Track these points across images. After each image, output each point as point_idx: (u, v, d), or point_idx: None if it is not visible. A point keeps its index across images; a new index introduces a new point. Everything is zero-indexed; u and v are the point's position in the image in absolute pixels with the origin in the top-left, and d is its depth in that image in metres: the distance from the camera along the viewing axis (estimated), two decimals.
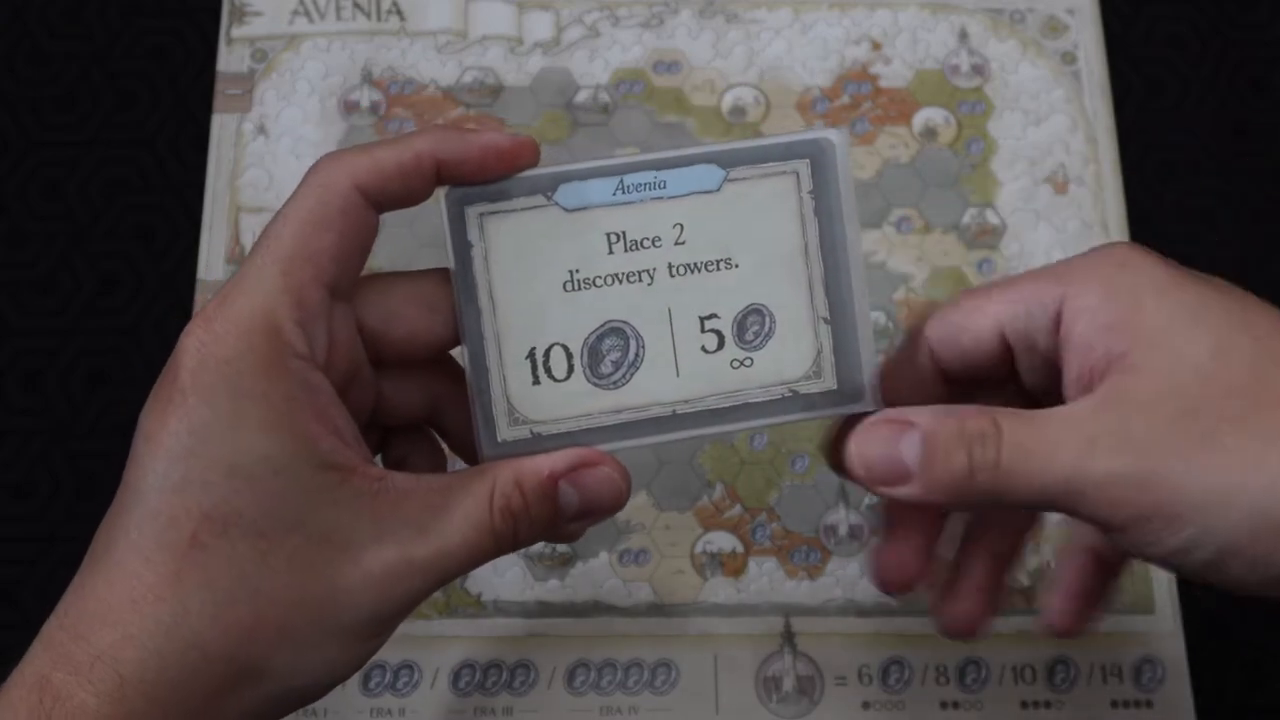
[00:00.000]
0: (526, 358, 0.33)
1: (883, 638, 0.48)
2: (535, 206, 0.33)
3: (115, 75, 0.56)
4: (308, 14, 0.56)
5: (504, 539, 0.31)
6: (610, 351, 0.33)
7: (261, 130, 0.54)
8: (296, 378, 0.30)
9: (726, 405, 0.33)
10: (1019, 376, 0.34)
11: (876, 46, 0.56)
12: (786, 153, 0.33)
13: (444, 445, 0.37)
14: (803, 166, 0.33)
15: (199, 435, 0.29)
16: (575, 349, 0.33)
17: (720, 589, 0.49)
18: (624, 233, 0.33)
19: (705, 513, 0.50)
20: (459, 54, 0.56)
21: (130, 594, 0.29)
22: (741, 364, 0.33)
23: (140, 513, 0.29)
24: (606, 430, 0.33)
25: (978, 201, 0.54)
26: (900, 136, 0.54)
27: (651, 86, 0.55)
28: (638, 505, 0.50)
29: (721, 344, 0.33)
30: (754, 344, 0.33)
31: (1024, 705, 0.47)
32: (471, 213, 0.33)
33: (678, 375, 0.33)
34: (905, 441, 0.31)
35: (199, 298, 0.52)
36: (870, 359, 0.33)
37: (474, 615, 0.48)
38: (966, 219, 0.53)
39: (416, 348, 0.34)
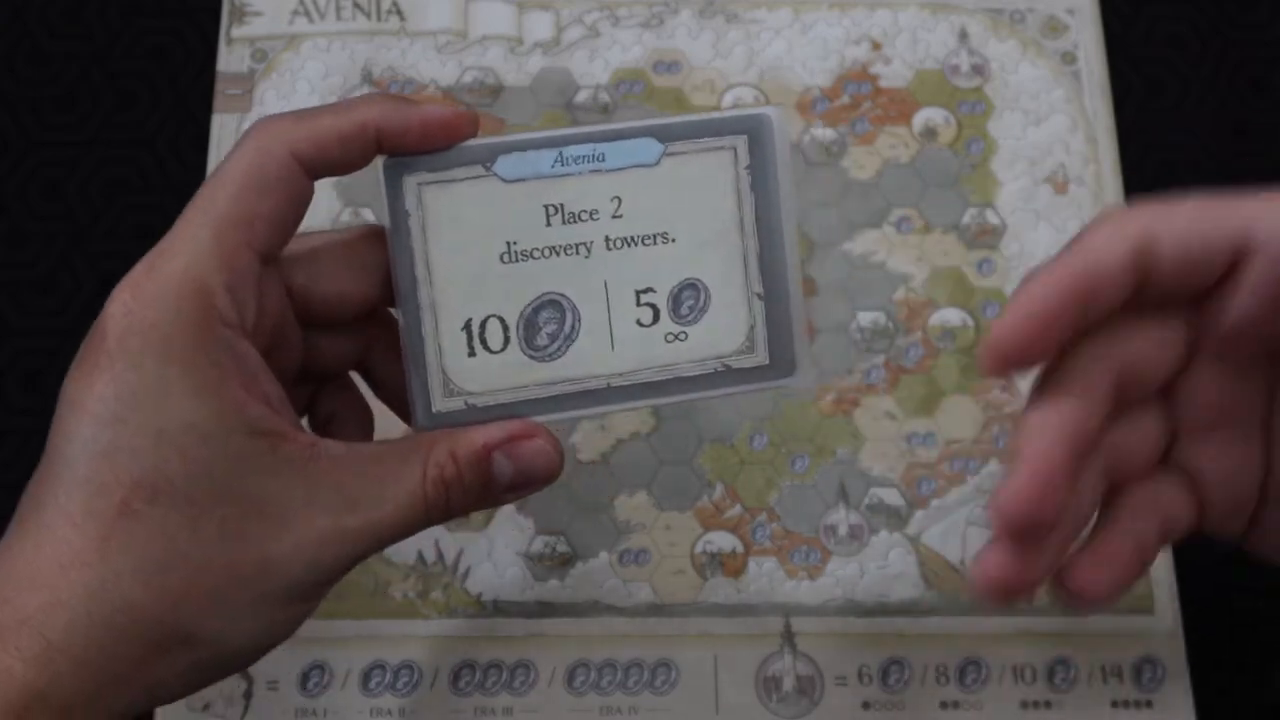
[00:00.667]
0: (462, 329, 0.33)
1: (883, 638, 0.48)
2: (474, 177, 0.33)
3: (115, 75, 0.56)
4: (308, 14, 0.56)
5: (436, 508, 0.31)
6: (546, 324, 0.33)
7: None
8: (224, 344, 0.30)
9: (660, 379, 0.33)
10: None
11: (876, 46, 0.56)
12: (724, 128, 0.33)
13: (374, 396, 0.37)
14: (740, 142, 0.33)
15: (126, 401, 0.29)
16: (511, 321, 0.33)
17: (720, 589, 0.49)
18: (562, 205, 0.33)
19: (705, 513, 0.50)
20: (459, 54, 0.56)
21: (58, 559, 0.28)
22: (676, 338, 0.33)
23: (68, 479, 0.29)
24: (542, 402, 0.33)
25: (978, 201, 0.54)
26: (900, 136, 0.54)
27: (651, 86, 0.55)
28: (638, 505, 0.50)
29: (657, 318, 0.33)
30: (689, 318, 0.33)
31: (1024, 705, 0.47)
32: (409, 182, 0.33)
33: (613, 348, 0.33)
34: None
35: None
36: (802, 334, 0.33)
37: (474, 615, 0.48)
38: (966, 219, 0.53)
39: (347, 307, 0.34)
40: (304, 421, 0.37)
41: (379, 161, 0.33)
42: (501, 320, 0.33)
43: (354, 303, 0.34)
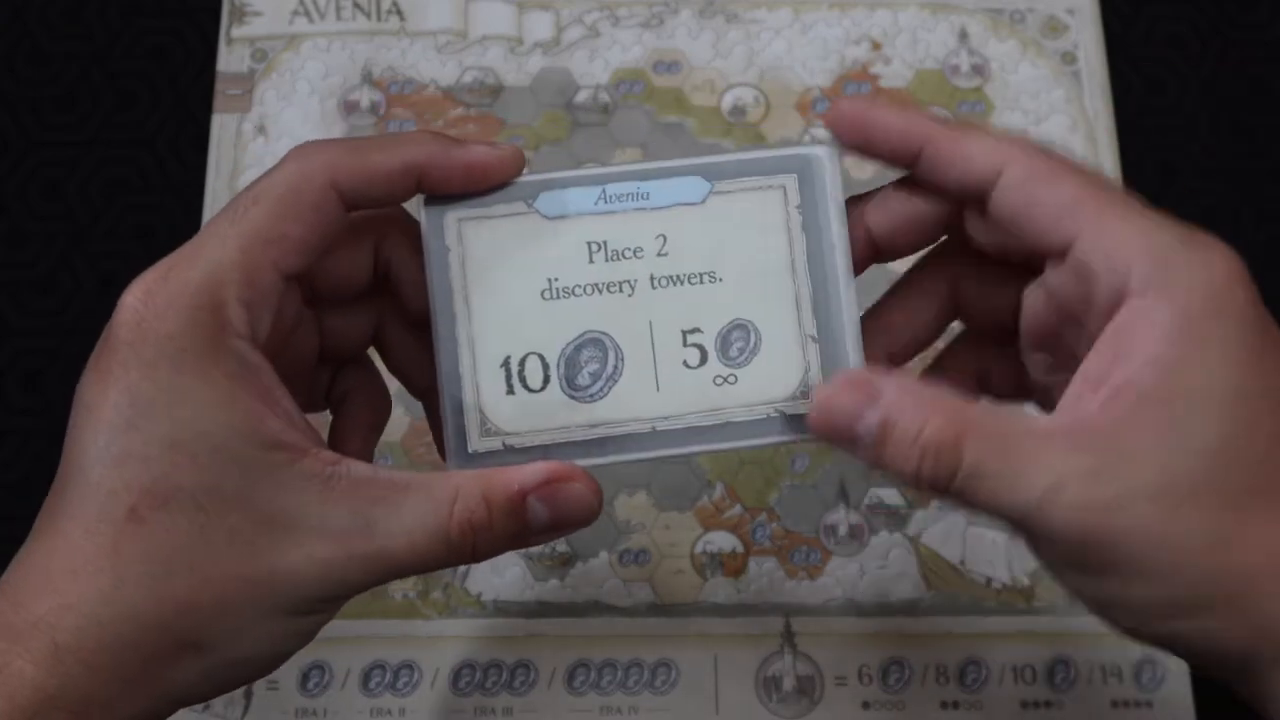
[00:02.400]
0: (501, 366, 0.32)
1: (883, 638, 0.48)
2: (515, 214, 0.32)
3: (115, 75, 0.56)
4: (308, 14, 0.56)
5: (459, 550, 0.30)
6: (588, 363, 0.32)
7: (261, 130, 0.54)
8: (238, 357, 0.30)
9: (708, 423, 0.32)
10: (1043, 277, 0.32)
11: (876, 46, 0.56)
12: (773, 166, 0.32)
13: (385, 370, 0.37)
14: (790, 181, 0.32)
15: (140, 408, 0.29)
16: (552, 359, 0.32)
17: (720, 589, 0.49)
18: (605, 242, 0.32)
19: (705, 513, 0.50)
20: (459, 54, 0.56)
21: (70, 564, 0.29)
22: (725, 381, 0.32)
23: (82, 485, 0.29)
24: (583, 445, 0.32)
25: None
26: None
27: (651, 86, 0.55)
28: (638, 505, 0.50)
29: (704, 359, 0.32)
30: (738, 360, 0.32)
31: (1024, 705, 0.47)
32: (450, 217, 0.32)
33: (658, 390, 0.32)
34: (866, 417, 0.30)
35: None
36: None
37: (474, 615, 0.48)
38: None
39: (353, 283, 0.34)
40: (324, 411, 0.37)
41: (421, 196, 0.33)
42: (542, 358, 0.32)
43: (360, 278, 0.34)
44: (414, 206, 0.33)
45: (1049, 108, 0.55)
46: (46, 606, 0.28)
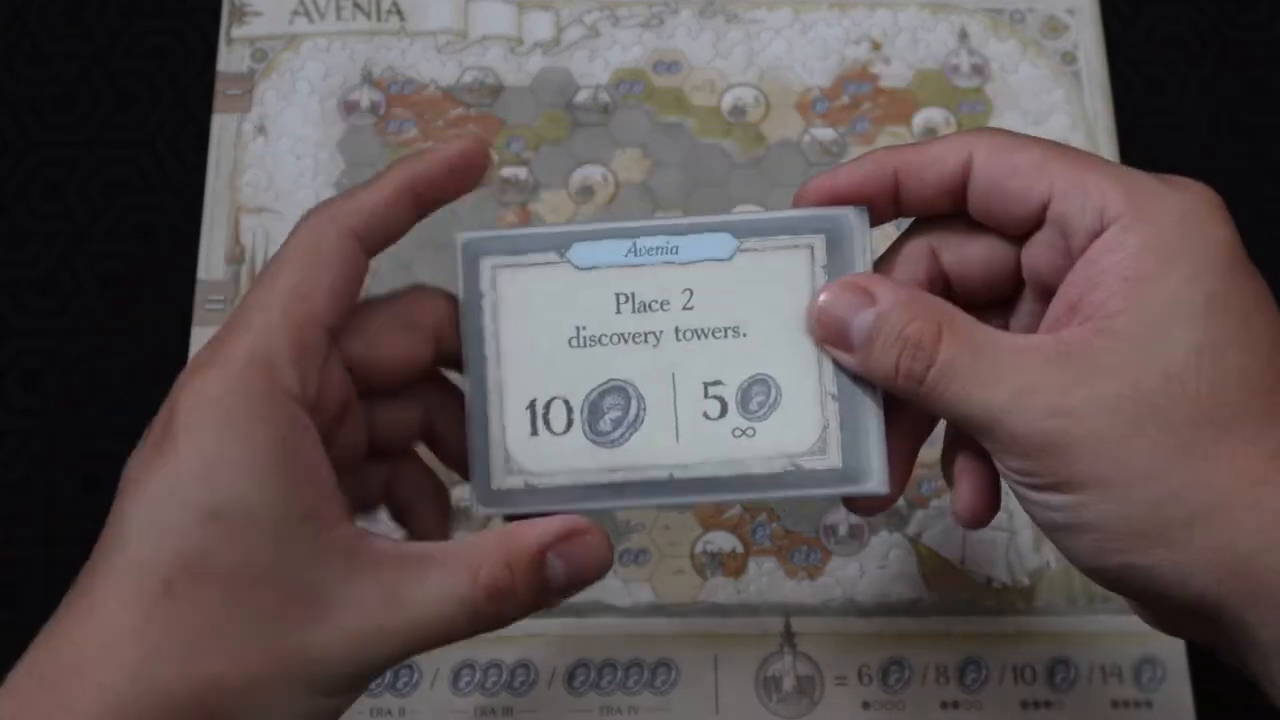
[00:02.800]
0: (527, 408, 0.33)
1: (883, 638, 0.48)
2: (548, 263, 0.33)
3: (115, 75, 0.56)
4: (308, 14, 0.56)
5: (486, 617, 0.30)
6: (611, 409, 0.33)
7: (261, 130, 0.54)
8: (288, 418, 0.30)
9: (725, 474, 0.33)
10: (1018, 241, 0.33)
11: (876, 46, 0.56)
12: (801, 226, 0.33)
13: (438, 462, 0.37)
14: (818, 241, 0.33)
15: (180, 478, 0.29)
16: (576, 404, 0.33)
17: (720, 589, 0.49)
18: (633, 294, 0.33)
19: (705, 513, 0.50)
20: (459, 54, 0.56)
21: (104, 637, 0.28)
22: (744, 433, 0.33)
23: (119, 557, 0.29)
24: (602, 489, 0.33)
25: None
26: (900, 136, 0.54)
27: (651, 86, 0.55)
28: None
29: (724, 411, 0.33)
30: (758, 414, 0.33)
31: (1024, 705, 0.47)
32: (485, 264, 0.33)
33: (677, 440, 0.33)
34: (859, 317, 0.31)
35: (199, 297, 0.52)
36: (879, 438, 0.33)
37: None
38: None
39: (405, 371, 0.34)
40: (384, 513, 0.37)
41: (459, 241, 0.34)
42: (566, 403, 0.33)
43: (412, 366, 0.34)
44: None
45: (1049, 108, 0.55)
46: (77, 687, 0.28)
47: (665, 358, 0.33)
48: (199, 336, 0.51)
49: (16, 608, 0.48)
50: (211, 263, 0.52)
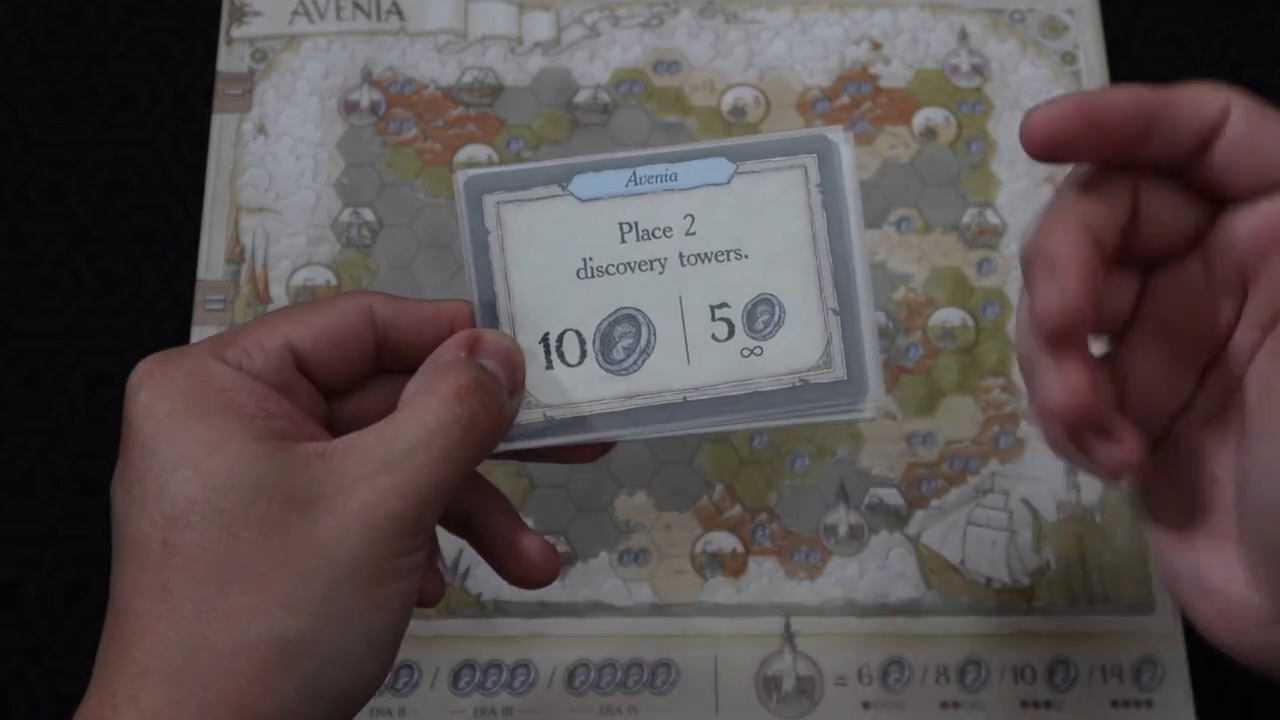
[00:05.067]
0: (540, 342, 0.34)
1: (883, 638, 0.48)
2: (551, 196, 0.34)
3: (115, 75, 0.56)
4: (308, 14, 0.56)
5: (474, 422, 0.31)
6: (622, 338, 0.34)
7: (261, 130, 0.54)
8: (225, 377, 0.30)
9: (737, 393, 0.34)
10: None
11: (876, 46, 0.56)
12: (794, 147, 0.34)
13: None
14: (810, 161, 0.34)
15: (146, 455, 0.30)
16: (588, 335, 0.34)
17: (720, 589, 0.49)
18: (636, 223, 0.34)
19: (705, 513, 0.50)
20: (459, 54, 0.56)
21: (135, 627, 0.29)
22: (751, 353, 0.34)
23: (124, 552, 0.30)
24: (619, 415, 0.34)
25: (978, 201, 0.54)
26: (900, 136, 0.54)
27: (651, 86, 0.55)
28: (638, 505, 0.50)
29: (732, 333, 0.34)
30: (764, 333, 0.34)
31: (1024, 705, 0.47)
32: (489, 200, 0.34)
33: (688, 363, 0.34)
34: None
35: (199, 298, 0.52)
36: (874, 350, 0.34)
37: (474, 615, 0.48)
38: (966, 219, 0.53)
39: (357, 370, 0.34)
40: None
41: (459, 180, 0.34)
42: (578, 334, 0.34)
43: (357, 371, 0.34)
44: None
45: None
46: (124, 680, 0.28)
47: (671, 283, 0.34)
48: (199, 336, 0.51)
49: (17, 608, 0.48)
50: (211, 263, 0.52)
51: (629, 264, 0.34)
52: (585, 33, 0.56)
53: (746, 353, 0.34)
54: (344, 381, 0.33)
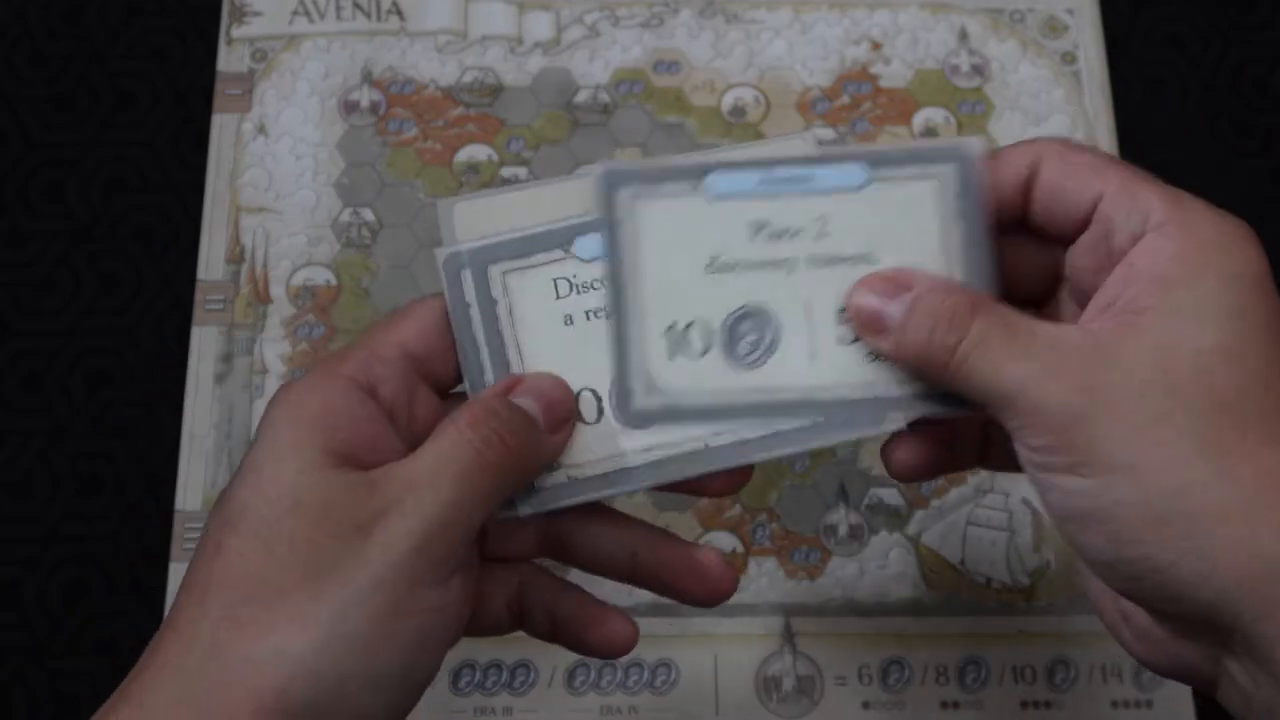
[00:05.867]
0: (666, 332, 0.34)
1: (883, 638, 0.48)
2: (684, 193, 0.34)
3: (115, 75, 0.56)
4: (308, 14, 0.56)
5: (486, 445, 0.31)
6: (747, 334, 0.34)
7: (261, 130, 0.54)
8: (339, 391, 0.31)
9: (859, 396, 0.34)
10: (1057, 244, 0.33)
11: (876, 46, 0.56)
12: (933, 156, 0.34)
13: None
14: (948, 171, 0.33)
15: (245, 456, 0.31)
16: (714, 327, 0.34)
17: None
18: (767, 222, 0.34)
19: (705, 513, 0.50)
20: (459, 54, 0.56)
21: (171, 622, 0.29)
22: (877, 357, 0.34)
23: (195, 552, 0.31)
24: (740, 409, 0.34)
25: None
26: (900, 136, 0.54)
27: (651, 86, 0.55)
28: (638, 505, 0.50)
29: (858, 336, 0.34)
30: None
31: (1024, 705, 0.47)
32: (624, 193, 0.34)
33: (812, 363, 0.34)
34: (896, 301, 0.32)
35: (199, 298, 0.52)
36: None
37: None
38: None
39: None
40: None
41: (598, 171, 0.34)
42: (704, 326, 0.34)
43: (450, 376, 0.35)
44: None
45: (1049, 108, 0.55)
46: (145, 681, 0.29)
47: (799, 285, 0.34)
48: (199, 336, 0.51)
49: (17, 608, 0.48)
50: (211, 263, 0.52)
51: (757, 262, 0.34)
52: (585, 33, 0.56)
53: (871, 356, 0.34)
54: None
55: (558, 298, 0.34)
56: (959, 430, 0.35)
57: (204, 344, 0.51)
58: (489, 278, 0.34)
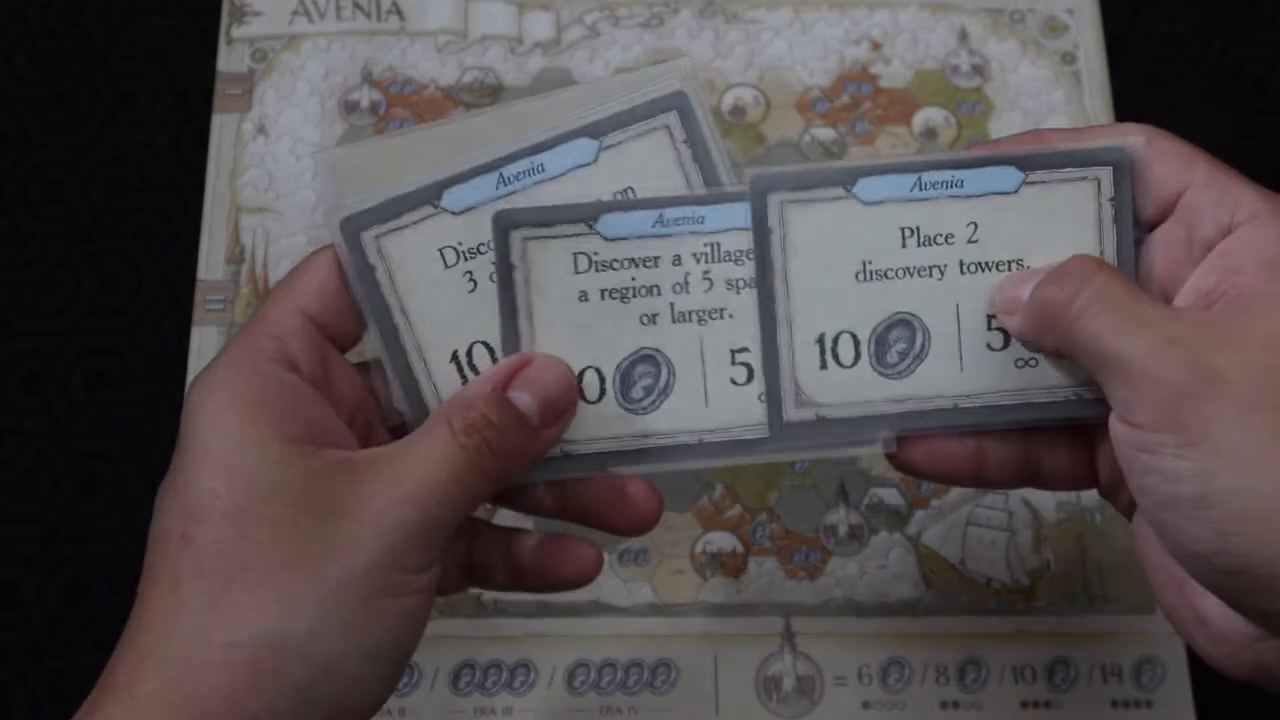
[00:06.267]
0: (816, 342, 0.34)
1: (883, 638, 0.48)
2: (834, 198, 0.34)
3: (115, 75, 0.56)
4: (308, 14, 0.56)
5: (479, 455, 0.31)
6: (897, 342, 0.34)
7: (261, 130, 0.54)
8: (271, 376, 0.31)
9: (1008, 403, 0.33)
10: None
11: (876, 46, 0.56)
12: (1088, 159, 0.33)
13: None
14: (1104, 174, 0.33)
15: (184, 447, 0.30)
16: (863, 337, 0.34)
17: (720, 589, 0.49)
18: (918, 228, 0.33)
19: (705, 513, 0.50)
20: (459, 54, 0.56)
21: (143, 618, 0.29)
22: (1026, 364, 0.33)
23: (150, 542, 0.30)
24: (890, 418, 0.33)
25: None
26: (900, 136, 0.54)
27: None
28: None
29: (1008, 343, 0.33)
30: None
31: (1024, 705, 0.47)
32: (774, 199, 0.34)
33: (961, 370, 0.33)
34: (1031, 283, 0.32)
35: (199, 298, 0.52)
36: None
37: (474, 615, 0.48)
38: None
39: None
40: None
41: (747, 176, 0.34)
42: (854, 336, 0.34)
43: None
44: None
45: (1049, 108, 0.55)
46: (126, 676, 0.29)
47: (950, 290, 0.33)
48: (199, 336, 0.51)
49: (17, 608, 0.48)
50: (211, 263, 0.52)
51: (908, 269, 0.33)
52: (585, 33, 0.56)
53: (1021, 363, 0.33)
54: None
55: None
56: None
57: (204, 344, 0.51)
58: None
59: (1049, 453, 0.34)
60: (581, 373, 0.34)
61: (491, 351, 0.33)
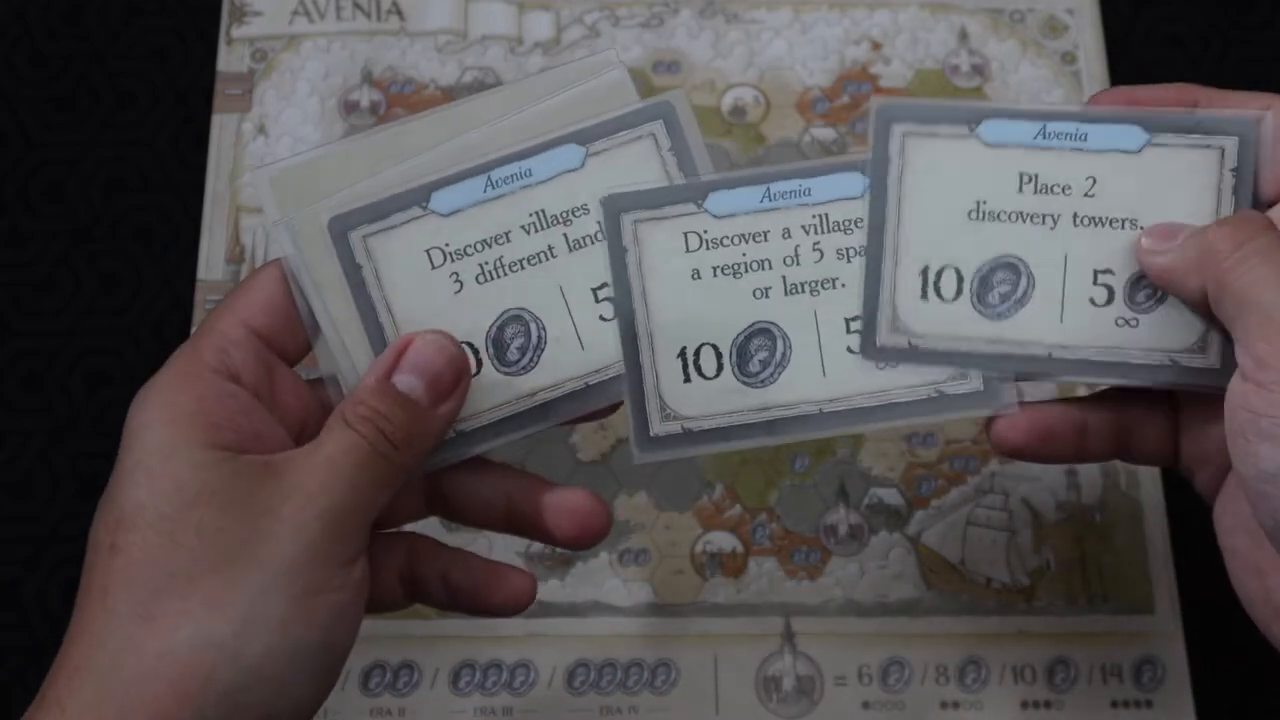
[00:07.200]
0: (919, 273, 0.34)
1: (883, 638, 0.48)
2: (957, 136, 0.34)
3: (115, 75, 0.56)
4: (308, 14, 0.56)
5: (382, 445, 0.31)
6: (1000, 284, 0.34)
7: (261, 130, 0.54)
8: (210, 386, 0.31)
9: (1105, 360, 0.33)
10: None
11: (876, 46, 0.56)
12: (1215, 127, 0.33)
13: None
14: (1230, 143, 0.33)
15: (118, 460, 0.31)
16: (967, 274, 0.34)
17: (720, 589, 0.49)
18: (1037, 175, 0.34)
19: (705, 513, 0.50)
20: (459, 54, 0.56)
21: (75, 630, 0.29)
22: (1127, 323, 0.33)
23: (87, 555, 0.30)
24: (982, 358, 0.34)
25: None
26: None
27: (651, 86, 0.55)
28: (638, 505, 0.50)
29: (1111, 299, 0.33)
30: (1143, 306, 0.33)
31: (1024, 705, 0.47)
32: (897, 130, 0.34)
33: (1061, 320, 0.34)
34: (1183, 231, 0.32)
35: (199, 297, 0.52)
36: None
37: (474, 615, 0.48)
38: None
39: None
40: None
41: (873, 106, 0.34)
42: (957, 271, 0.34)
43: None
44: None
45: None
46: (59, 686, 0.29)
47: (1060, 240, 0.34)
48: None
49: (17, 608, 0.48)
50: (211, 263, 0.52)
51: (1022, 214, 0.34)
52: (585, 33, 0.56)
53: (1121, 322, 0.33)
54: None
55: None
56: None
57: None
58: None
59: (1142, 425, 0.34)
60: (699, 349, 0.34)
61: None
